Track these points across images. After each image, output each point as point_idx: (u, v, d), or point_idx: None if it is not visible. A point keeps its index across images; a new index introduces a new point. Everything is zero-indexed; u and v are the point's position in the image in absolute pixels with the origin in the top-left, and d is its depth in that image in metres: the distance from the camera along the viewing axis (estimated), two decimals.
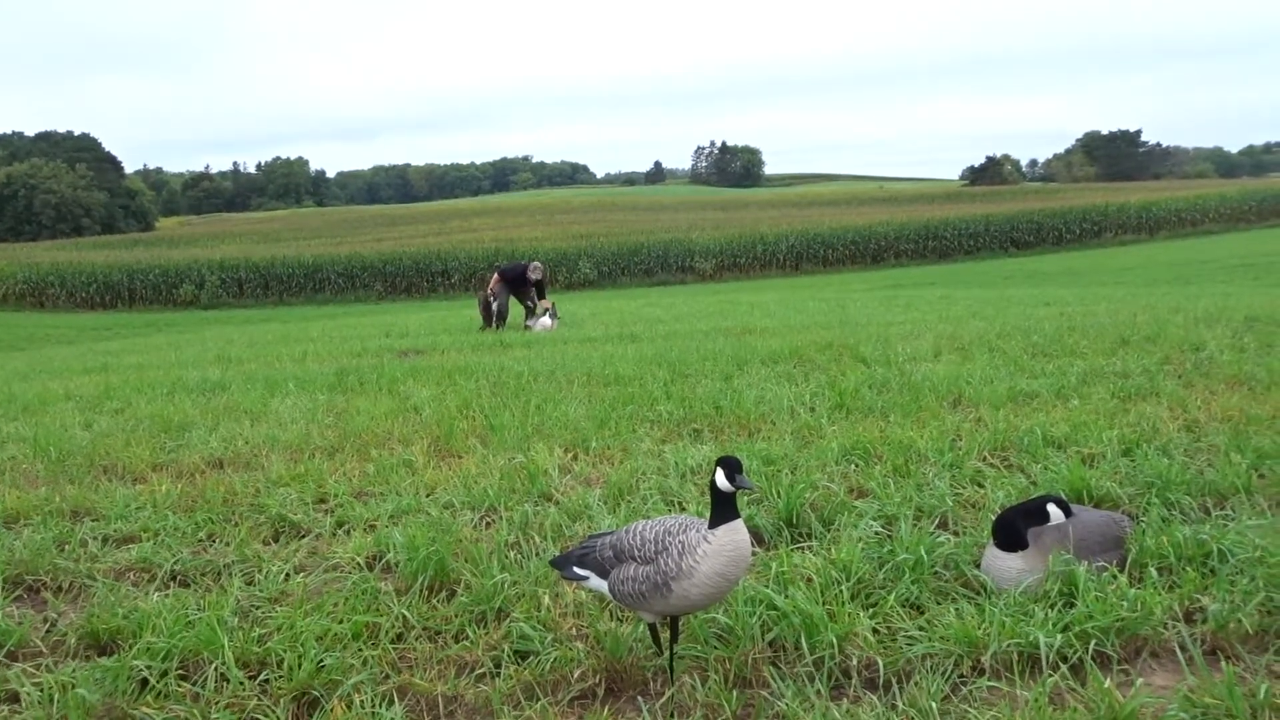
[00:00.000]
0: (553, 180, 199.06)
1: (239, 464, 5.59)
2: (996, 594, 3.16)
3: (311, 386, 8.37)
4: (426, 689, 2.84)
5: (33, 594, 3.78)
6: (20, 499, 4.89)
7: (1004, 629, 2.86)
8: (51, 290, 41.34)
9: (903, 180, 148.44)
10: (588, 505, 4.31)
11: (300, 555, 3.98)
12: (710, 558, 2.56)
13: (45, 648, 3.24)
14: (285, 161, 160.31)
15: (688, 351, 9.28)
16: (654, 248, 45.27)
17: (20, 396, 9.00)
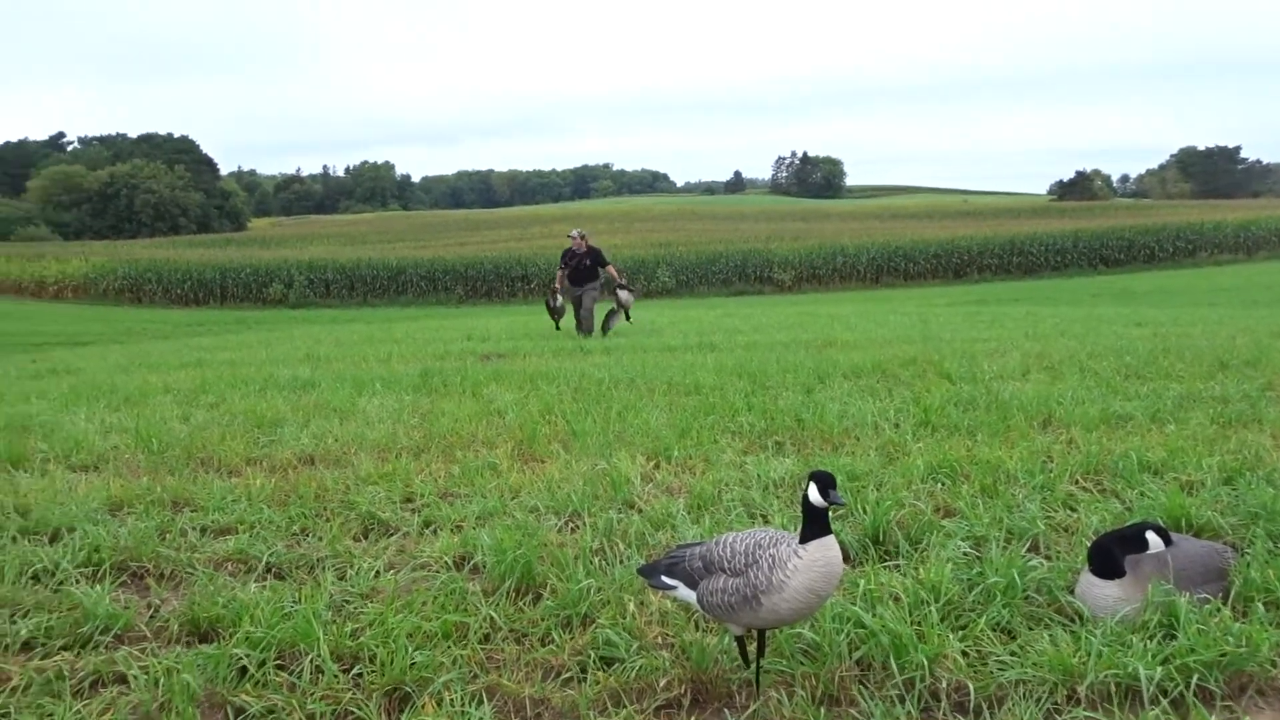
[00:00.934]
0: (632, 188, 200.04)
1: (329, 461, 5.73)
2: (1092, 622, 3.08)
3: (397, 387, 8.55)
4: (514, 690, 2.88)
5: (137, 580, 3.93)
6: (124, 488, 5.09)
7: (1101, 659, 2.79)
8: (149, 286, 42.97)
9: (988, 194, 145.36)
10: (671, 514, 4.32)
11: (389, 553, 4.07)
12: (801, 573, 2.55)
13: (149, 632, 3.37)
14: (372, 165, 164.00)
15: (768, 363, 9.23)
16: (733, 257, 45.17)
17: (122, 388, 9.37)
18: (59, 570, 3.87)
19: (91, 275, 43.36)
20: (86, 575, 3.86)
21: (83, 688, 2.99)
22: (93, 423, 7.12)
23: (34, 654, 3.21)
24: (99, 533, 4.24)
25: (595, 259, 15.11)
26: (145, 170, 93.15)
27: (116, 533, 4.29)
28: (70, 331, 28.87)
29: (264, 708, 2.81)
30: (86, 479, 5.43)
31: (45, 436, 6.57)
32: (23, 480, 5.33)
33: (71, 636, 3.31)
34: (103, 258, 46.51)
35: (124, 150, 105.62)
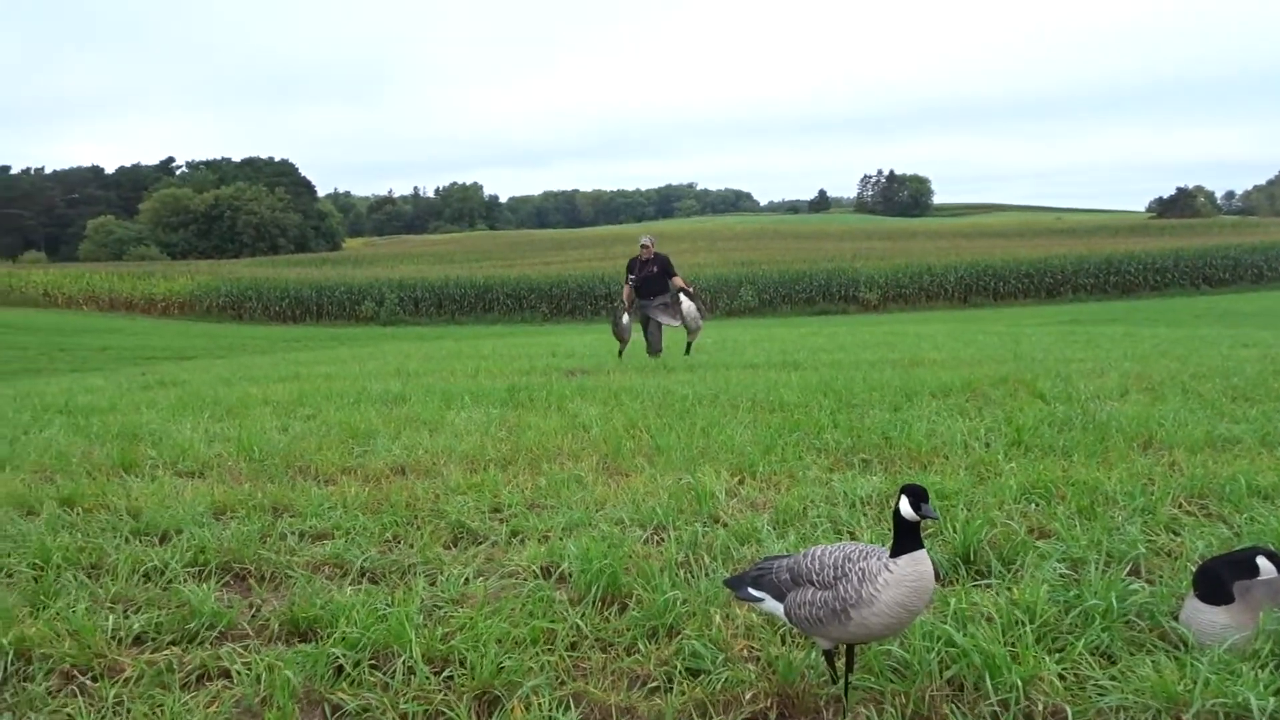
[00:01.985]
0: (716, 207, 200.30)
1: (420, 471, 5.87)
2: (1198, 649, 2.96)
3: (485, 401, 8.70)
4: (601, 698, 2.90)
5: (240, 581, 4.08)
6: (227, 493, 5.30)
7: (1209, 687, 2.68)
8: (249, 304, 44.60)
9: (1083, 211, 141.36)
10: (756, 529, 4.30)
11: (478, 561, 4.15)
12: (892, 587, 2.52)
13: (251, 630, 3.50)
14: (461, 186, 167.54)
15: (853, 381, 9.13)
16: (817, 276, 44.81)
17: (224, 400, 9.74)
18: (168, 569, 4.05)
19: (196, 293, 45.22)
20: (193, 575, 4.03)
21: (190, 681, 3.13)
22: (198, 432, 7.41)
23: (145, 647, 3.37)
24: (205, 535, 4.42)
25: (663, 267, 13.57)
26: (247, 193, 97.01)
27: (221, 535, 4.47)
28: (176, 346, 30.14)
29: (359, 706, 2.89)
30: (192, 484, 5.67)
31: (154, 444, 6.87)
32: (134, 485, 5.59)
33: (179, 632, 3.46)
34: (207, 276, 48.47)
35: (228, 174, 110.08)
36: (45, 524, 4.78)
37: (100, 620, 3.49)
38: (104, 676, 3.14)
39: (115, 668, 3.20)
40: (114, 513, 4.98)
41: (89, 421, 8.36)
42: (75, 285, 47.95)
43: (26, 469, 6.20)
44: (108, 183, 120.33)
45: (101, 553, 4.30)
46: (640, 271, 13.44)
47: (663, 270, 13.39)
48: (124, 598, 3.79)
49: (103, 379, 15.53)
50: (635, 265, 13.60)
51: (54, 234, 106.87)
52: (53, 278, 49.87)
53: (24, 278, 50.30)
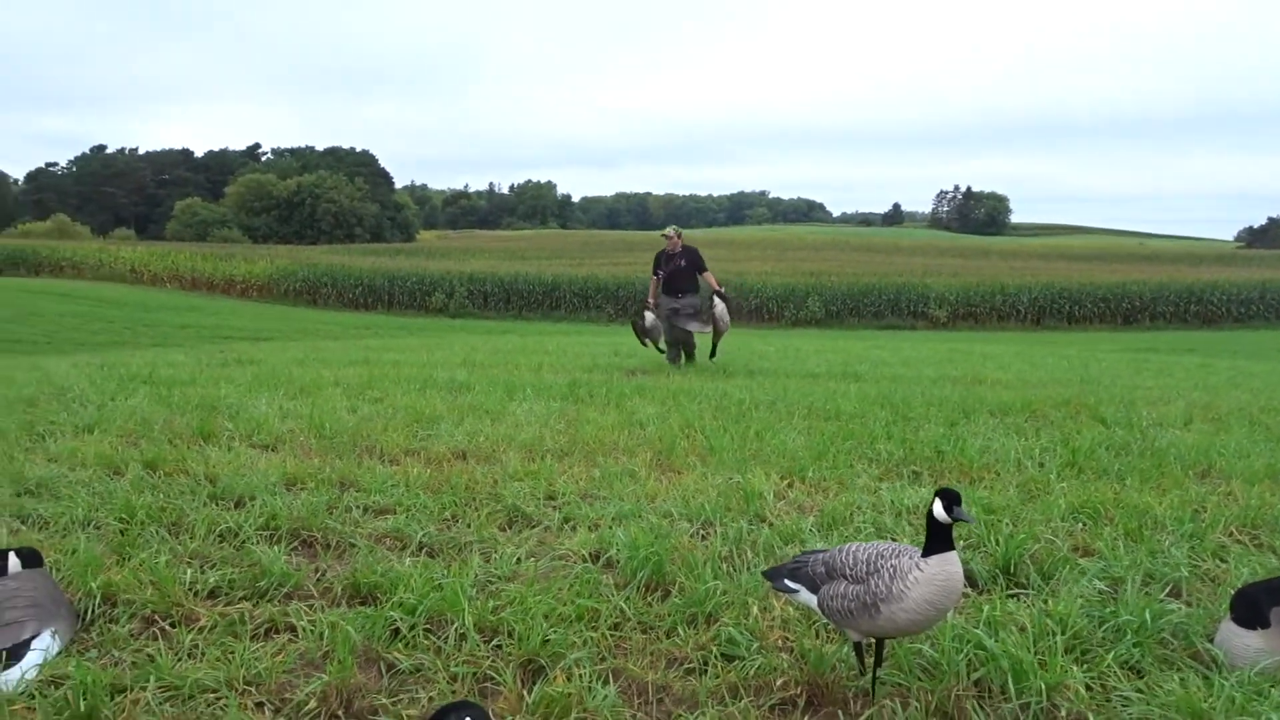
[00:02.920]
0: (787, 216, 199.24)
1: (480, 457, 6.08)
2: (1229, 671, 3.01)
3: (546, 394, 8.92)
4: (639, 675, 3.06)
5: (307, 547, 4.33)
6: (298, 466, 5.57)
7: (1234, 705, 2.74)
8: (324, 290, 45.71)
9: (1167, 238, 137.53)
10: (800, 530, 4.42)
11: (531, 543, 4.33)
12: (921, 585, 2.63)
13: (316, 592, 3.73)
14: (535, 184, 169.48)
15: (912, 395, 9.14)
16: (886, 290, 44.37)
17: (298, 380, 10.11)
18: (241, 532, 4.32)
19: (275, 277, 46.48)
20: (265, 538, 4.29)
21: (258, 633, 3.36)
22: (272, 408, 7.75)
23: (219, 601, 3.62)
24: (276, 503, 4.68)
25: (692, 261, 12.18)
26: (328, 181, 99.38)
27: (291, 504, 4.72)
28: (253, 327, 31.09)
29: (413, 665, 3.09)
30: (266, 456, 5.96)
31: (231, 417, 7.21)
32: (212, 453, 5.90)
33: (250, 589, 3.70)
34: (285, 261, 49.76)
35: (311, 162, 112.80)
36: (130, 484, 5.10)
37: (179, 573, 3.75)
38: (181, 624, 3.40)
39: (191, 616, 3.45)
40: (193, 477, 5.29)
41: (171, 392, 8.78)
42: (161, 263, 49.65)
43: (113, 433, 6.57)
44: (196, 165, 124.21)
45: (181, 513, 4.59)
46: (668, 265, 12.21)
47: (692, 265, 12.15)
48: (201, 555, 4.06)
49: (183, 354, 16.16)
50: (662, 259, 12.32)
51: (144, 213, 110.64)
52: (140, 255, 51.70)
53: (114, 254, 52.24)
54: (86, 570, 3.69)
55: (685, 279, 12.09)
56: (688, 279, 12.10)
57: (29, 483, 5.12)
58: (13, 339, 26.82)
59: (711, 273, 12.37)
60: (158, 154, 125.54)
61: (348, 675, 2.97)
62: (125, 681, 2.94)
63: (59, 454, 5.88)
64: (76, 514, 4.53)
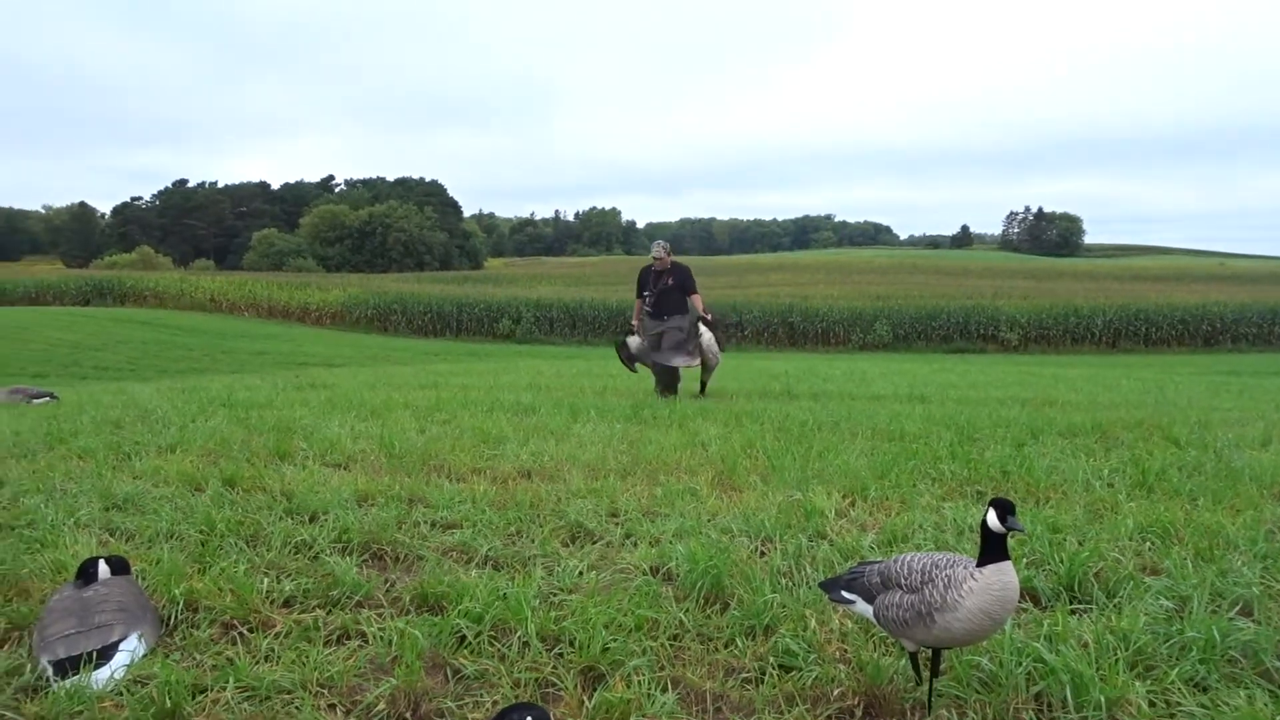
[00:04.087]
0: (854, 240, 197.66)
1: (544, 475, 6.20)
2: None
3: (610, 416, 9.03)
4: (697, 684, 3.11)
5: (377, 559, 4.47)
6: (369, 483, 5.75)
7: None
8: (394, 316, 46.66)
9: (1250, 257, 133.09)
10: (860, 547, 4.42)
11: (593, 557, 4.41)
12: (976, 594, 2.64)
13: (386, 602, 3.85)
14: (600, 211, 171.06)
15: (979, 417, 9.04)
16: (955, 313, 43.73)
17: (369, 402, 10.39)
18: (315, 544, 4.48)
19: (347, 304, 47.61)
20: (337, 550, 4.44)
21: (331, 638, 3.49)
22: (344, 429, 7.98)
23: (294, 608, 3.76)
24: (348, 518, 4.84)
25: (681, 282, 10.94)
26: (399, 211, 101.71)
27: (362, 519, 4.88)
28: (326, 353, 31.87)
29: (477, 671, 3.18)
30: (338, 474, 6.16)
31: (306, 437, 7.45)
32: (288, 471, 6.11)
33: (324, 598, 3.85)
34: (357, 289, 50.94)
35: (382, 192, 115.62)
36: (210, 499, 5.32)
37: (256, 582, 3.91)
38: (258, 629, 3.55)
39: (268, 623, 3.60)
40: (270, 494, 5.49)
41: (248, 414, 9.10)
42: (239, 292, 51.22)
43: (194, 452, 6.84)
44: (273, 197, 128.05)
45: (259, 526, 4.78)
46: (655, 286, 11.00)
47: (680, 285, 10.94)
48: (277, 565, 4.22)
49: (260, 379, 16.67)
50: (648, 279, 11.09)
51: (222, 244, 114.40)
52: (219, 284, 53.41)
53: (194, 283, 54.03)
54: (170, 578, 3.88)
55: (673, 301, 10.97)
56: (676, 301, 10.99)
57: (117, 498, 5.38)
58: (100, 365, 27.93)
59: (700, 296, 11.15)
60: (236, 187, 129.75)
61: (415, 680, 3.08)
62: (206, 682, 3.09)
63: (144, 471, 6.15)
64: (160, 526, 4.74)
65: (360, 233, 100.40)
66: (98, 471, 6.12)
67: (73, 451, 6.88)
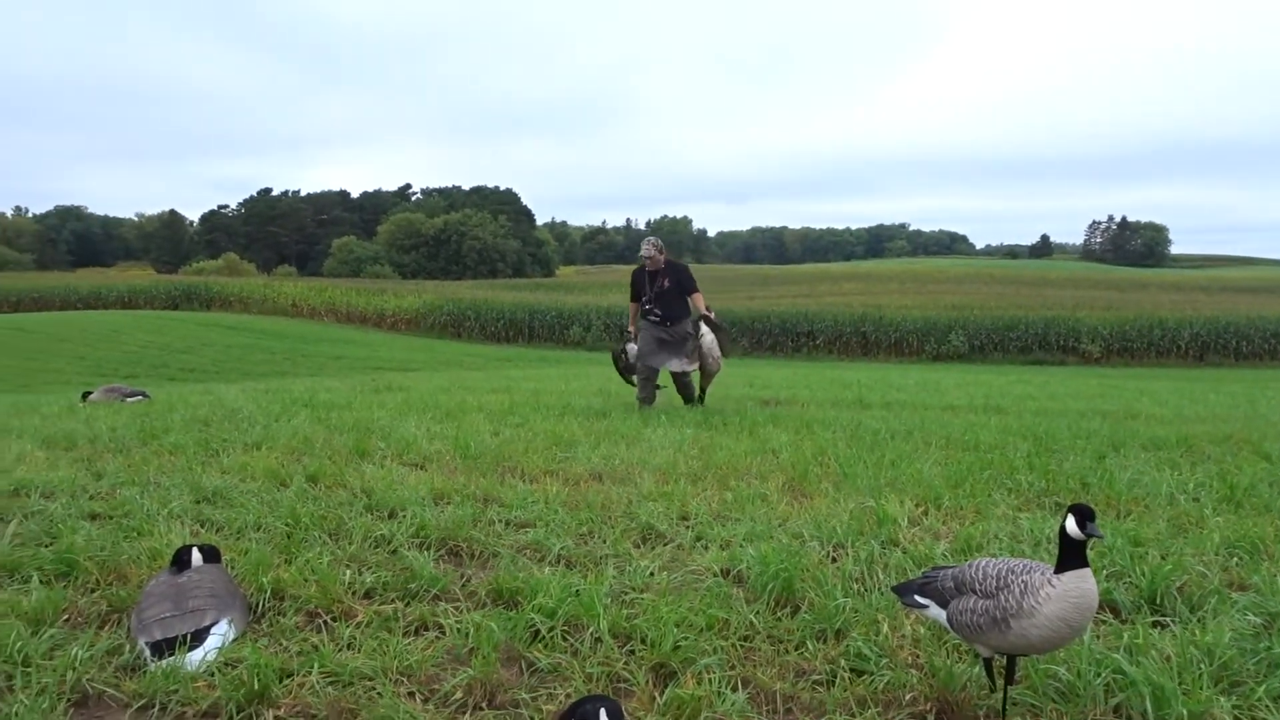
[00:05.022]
0: (928, 249, 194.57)
1: (615, 478, 6.26)
2: None
3: (680, 421, 9.06)
4: (767, 684, 3.13)
5: (453, 555, 4.57)
6: (445, 483, 5.88)
7: None
8: (468, 323, 47.42)
9: None
10: (933, 555, 4.38)
11: (664, 558, 4.45)
12: (1053, 601, 2.61)
13: (461, 595, 3.95)
14: (671, 219, 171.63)
15: (1057, 428, 8.85)
16: (1034, 324, 42.77)
17: (443, 405, 10.60)
18: (394, 539, 4.60)
19: (422, 311, 48.53)
20: (415, 545, 4.56)
21: (409, 629, 3.59)
22: (420, 430, 8.16)
23: (374, 600, 3.88)
24: (425, 515, 4.96)
25: (678, 281, 10.07)
26: (473, 219, 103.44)
27: (438, 517, 4.99)
28: (401, 358, 32.56)
29: (551, 664, 3.25)
30: (415, 473, 6.31)
31: (384, 437, 7.64)
32: (367, 469, 6.28)
33: (402, 590, 3.95)
34: (432, 296, 51.89)
35: (458, 200, 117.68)
36: (294, 494, 5.49)
37: (339, 573, 4.04)
38: (341, 618, 3.66)
39: (349, 613, 3.72)
40: (350, 490, 5.65)
41: (328, 415, 9.36)
42: (319, 298, 52.57)
43: (279, 449, 7.07)
44: (352, 206, 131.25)
45: (340, 521, 4.93)
46: (651, 288, 10.09)
47: (678, 285, 10.08)
48: (358, 558, 4.35)
49: (338, 382, 17.11)
50: (642, 280, 10.20)
51: (304, 251, 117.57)
52: (300, 290, 54.89)
53: (276, 289, 55.63)
54: (258, 568, 4.02)
55: (672, 303, 10.07)
56: (675, 303, 10.09)
57: (206, 491, 5.59)
58: (188, 367, 28.94)
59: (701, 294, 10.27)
60: (317, 195, 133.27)
61: (491, 671, 3.15)
62: (292, 666, 3.20)
63: (231, 467, 6.38)
64: (248, 519, 4.92)
65: (436, 240, 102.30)
66: (188, 466, 6.37)
67: (164, 447, 7.16)
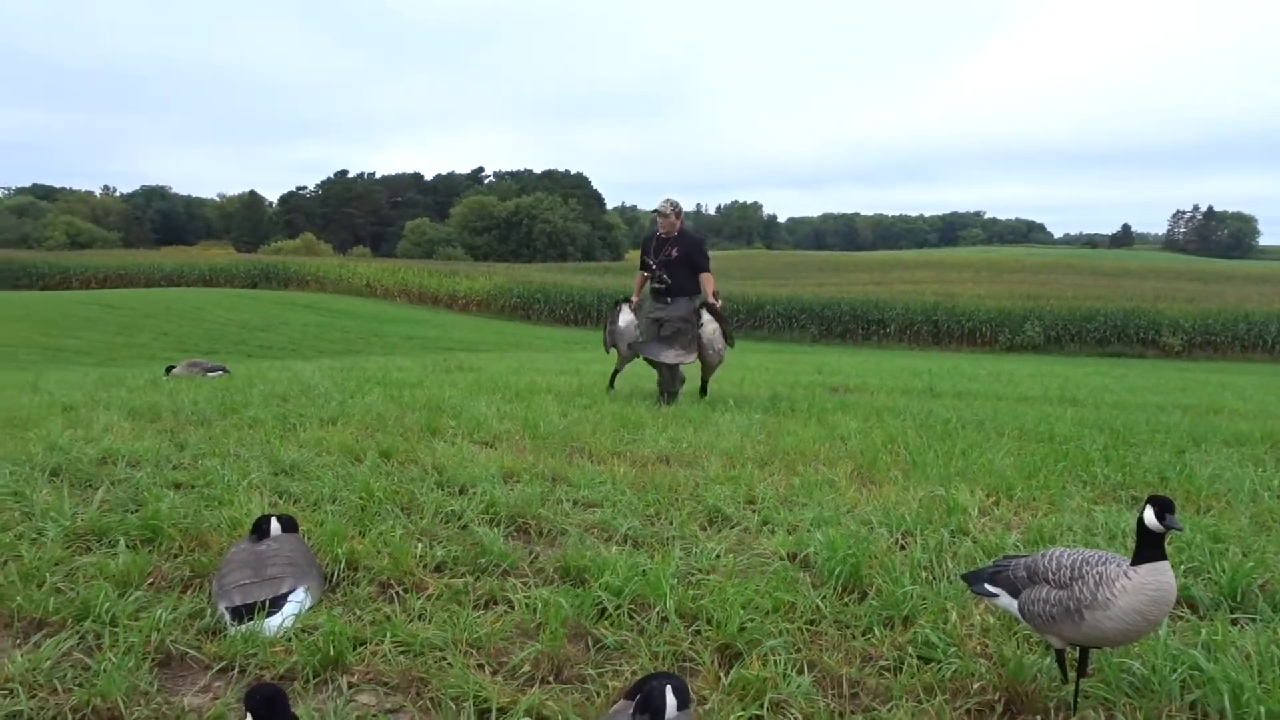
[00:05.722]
0: (1004, 238, 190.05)
1: (682, 461, 6.28)
2: None
3: (747, 406, 9.04)
4: (833, 668, 3.12)
5: (521, 533, 4.64)
6: (514, 461, 5.96)
7: None
8: (537, 305, 47.79)
9: None
10: (1004, 545, 4.32)
11: (730, 541, 4.46)
12: (1129, 594, 2.56)
13: (530, 572, 4.01)
14: (741, 205, 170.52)
15: (1136, 422, 8.62)
16: (1113, 316, 41.54)
17: (513, 385, 10.73)
18: (464, 515, 4.69)
19: (492, 293, 49.06)
20: (485, 522, 4.64)
21: (479, 603, 3.67)
22: (490, 409, 8.27)
23: (444, 574, 3.96)
24: (495, 492, 5.04)
25: (689, 254, 8.93)
26: (544, 202, 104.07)
27: (508, 494, 5.06)
28: (471, 339, 32.99)
29: (617, 641, 3.29)
30: (485, 452, 6.41)
31: (454, 416, 7.77)
32: (438, 446, 6.40)
33: (472, 565, 4.04)
34: (502, 278, 52.40)
35: (529, 184, 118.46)
36: (368, 469, 5.63)
37: (411, 547, 4.13)
38: (412, 590, 3.76)
39: (421, 585, 3.81)
40: (422, 466, 5.77)
41: (401, 393, 9.54)
42: (392, 279, 53.47)
43: (353, 425, 7.24)
44: (425, 188, 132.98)
45: (412, 496, 5.04)
46: (657, 253, 8.97)
47: (688, 259, 8.91)
48: (429, 532, 4.45)
49: (410, 361, 17.42)
50: (650, 247, 9.10)
51: (378, 232, 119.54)
52: (374, 271, 55.87)
53: (351, 269, 56.71)
54: (333, 539, 4.14)
55: (679, 277, 8.93)
56: (682, 278, 8.95)
57: (284, 464, 5.76)
58: (265, 345, 29.74)
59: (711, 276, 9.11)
60: (392, 178, 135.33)
61: (558, 646, 3.20)
62: (365, 635, 3.30)
63: (307, 441, 6.55)
64: (324, 492, 5.06)
65: (507, 223, 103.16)
66: (266, 439, 6.56)
67: (244, 421, 7.39)
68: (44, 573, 3.73)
